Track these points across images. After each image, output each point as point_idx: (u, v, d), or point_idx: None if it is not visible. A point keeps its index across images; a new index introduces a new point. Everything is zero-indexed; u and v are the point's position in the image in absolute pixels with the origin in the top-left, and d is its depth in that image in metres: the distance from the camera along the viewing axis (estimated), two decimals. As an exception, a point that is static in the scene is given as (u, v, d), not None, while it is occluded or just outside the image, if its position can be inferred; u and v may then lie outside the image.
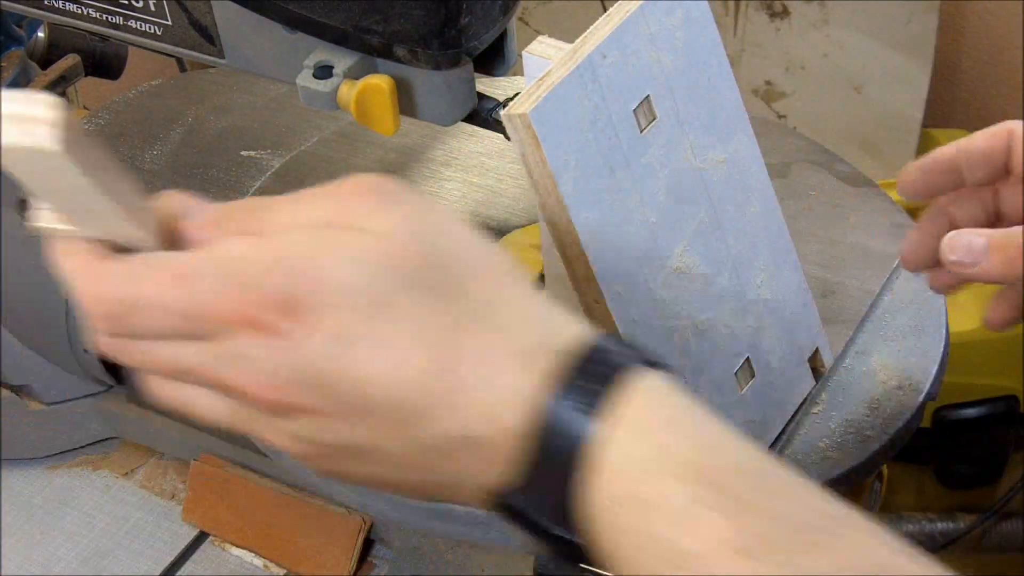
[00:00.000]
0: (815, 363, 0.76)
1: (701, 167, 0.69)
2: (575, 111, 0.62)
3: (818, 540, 0.46)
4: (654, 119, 0.66)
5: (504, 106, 0.81)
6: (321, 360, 0.46)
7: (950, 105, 1.68)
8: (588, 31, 0.64)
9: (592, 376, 0.47)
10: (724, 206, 0.69)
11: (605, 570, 0.48)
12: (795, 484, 0.48)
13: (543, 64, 0.64)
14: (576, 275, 0.64)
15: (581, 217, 0.62)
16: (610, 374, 0.47)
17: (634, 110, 0.65)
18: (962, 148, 0.67)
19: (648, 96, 0.65)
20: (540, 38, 0.66)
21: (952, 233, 0.65)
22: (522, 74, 0.72)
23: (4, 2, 0.88)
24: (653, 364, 0.49)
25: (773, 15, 1.58)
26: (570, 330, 0.48)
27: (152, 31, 0.85)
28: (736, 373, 0.71)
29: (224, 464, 1.01)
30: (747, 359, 0.72)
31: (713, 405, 0.67)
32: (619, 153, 0.64)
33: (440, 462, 0.48)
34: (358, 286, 0.46)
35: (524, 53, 0.66)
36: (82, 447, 1.08)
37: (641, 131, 0.65)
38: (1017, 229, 0.64)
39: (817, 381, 0.77)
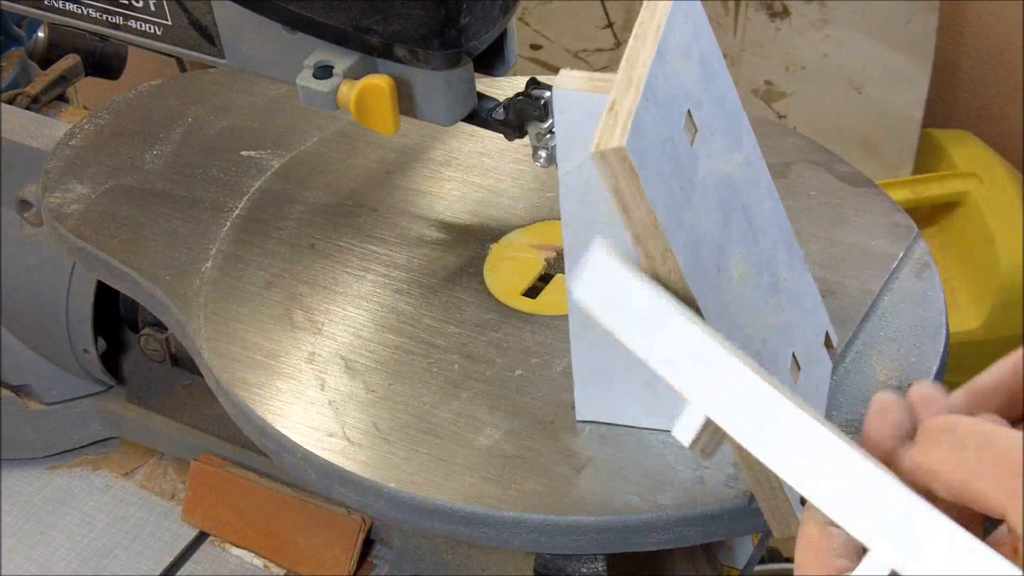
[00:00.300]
0: (828, 344, 0.77)
1: (730, 172, 0.69)
2: (652, 136, 0.61)
3: None
4: (696, 131, 0.65)
5: (504, 106, 0.81)
6: None
7: (950, 105, 1.68)
8: (629, 48, 0.62)
9: None
10: (750, 207, 0.70)
11: None
12: None
13: (583, 99, 0.63)
14: None
15: (677, 243, 0.61)
16: None
17: (684, 126, 0.64)
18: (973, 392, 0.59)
19: (688, 110, 0.65)
20: (563, 72, 0.65)
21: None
22: (522, 74, 0.72)
23: (4, 2, 0.88)
24: None
25: (773, 15, 1.58)
26: None
27: (152, 31, 0.85)
28: (790, 371, 0.72)
29: (224, 464, 1.01)
30: (793, 354, 0.72)
31: None
32: (683, 170, 0.63)
33: None
34: None
35: (556, 89, 0.65)
36: (82, 447, 1.08)
37: (691, 145, 0.65)
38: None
39: (833, 361, 0.77)
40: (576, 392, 0.76)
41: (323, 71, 0.77)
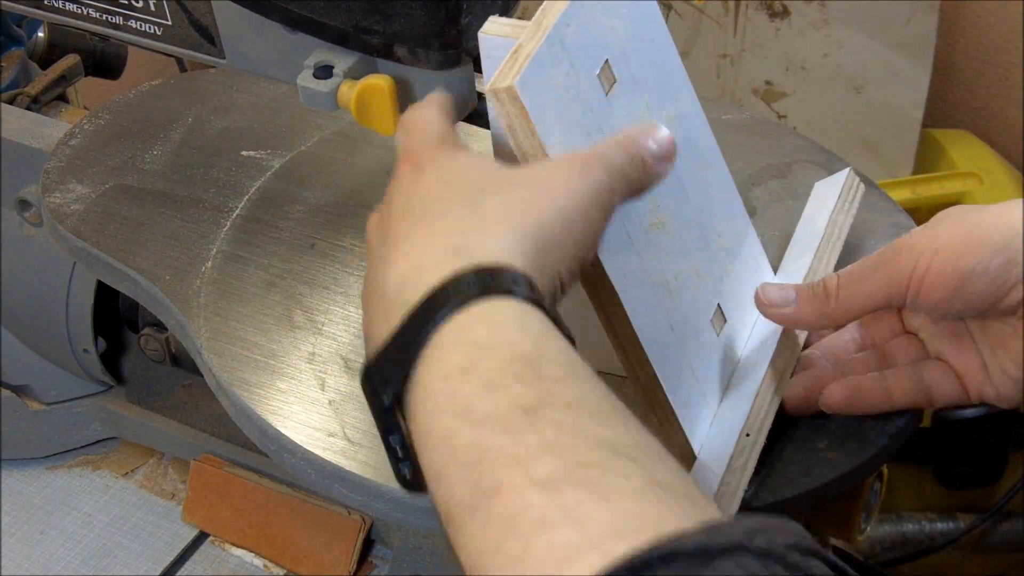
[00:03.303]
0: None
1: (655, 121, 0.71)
2: (551, 80, 0.64)
3: (607, 422, 0.51)
4: (615, 81, 0.68)
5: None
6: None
7: (950, 105, 1.68)
8: (543, 6, 0.66)
9: (479, 285, 0.54)
10: (680, 162, 0.71)
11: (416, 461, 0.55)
12: (606, 402, 0.52)
13: (501, 43, 0.66)
14: None
15: None
16: (493, 288, 0.54)
17: (598, 75, 0.67)
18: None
19: (607, 60, 0.68)
20: (491, 18, 0.68)
21: (762, 284, 0.75)
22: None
23: (4, 2, 0.88)
24: (537, 302, 0.55)
25: (773, 15, 1.58)
26: (489, 248, 0.56)
27: (152, 31, 0.85)
28: (712, 320, 0.74)
29: (224, 464, 1.01)
30: (718, 306, 0.74)
31: (699, 352, 0.71)
32: (591, 117, 0.66)
33: (373, 302, 0.59)
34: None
35: (481, 34, 0.67)
36: (82, 447, 1.08)
37: (606, 94, 0.67)
38: (821, 280, 0.73)
39: None
40: None
41: (323, 71, 0.77)
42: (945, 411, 0.76)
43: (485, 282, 0.55)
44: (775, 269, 0.81)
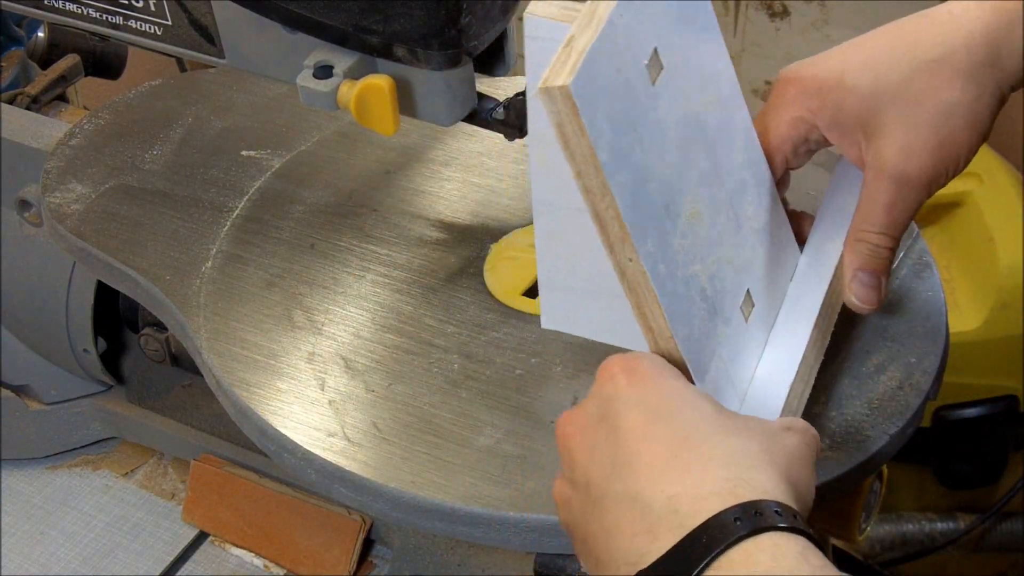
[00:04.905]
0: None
1: (699, 110, 0.71)
2: (604, 75, 0.63)
3: None
4: (662, 69, 0.67)
5: (504, 106, 0.81)
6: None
7: (950, 105, 1.68)
8: None
9: (762, 517, 0.57)
10: (718, 146, 0.71)
11: None
12: None
13: (552, 27, 0.65)
14: (611, 238, 0.65)
15: (616, 181, 0.63)
16: (768, 520, 0.57)
17: (647, 64, 0.66)
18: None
19: (655, 48, 0.66)
20: (534, 2, 0.67)
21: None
22: (523, 74, 0.72)
23: (4, 2, 0.88)
24: (802, 531, 0.58)
25: (773, 15, 1.58)
26: (764, 485, 0.59)
27: (152, 31, 0.85)
28: (741, 307, 0.73)
29: (224, 464, 1.01)
30: (747, 291, 0.74)
31: (729, 341, 0.71)
32: (638, 109, 0.65)
33: (624, 506, 0.60)
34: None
35: (527, 15, 0.66)
36: (82, 447, 1.08)
37: (653, 83, 0.66)
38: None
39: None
40: (541, 302, 0.79)
41: (323, 71, 0.77)
42: (945, 411, 0.76)
43: (767, 514, 0.57)
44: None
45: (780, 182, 0.78)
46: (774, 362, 0.73)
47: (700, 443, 0.61)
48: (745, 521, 0.57)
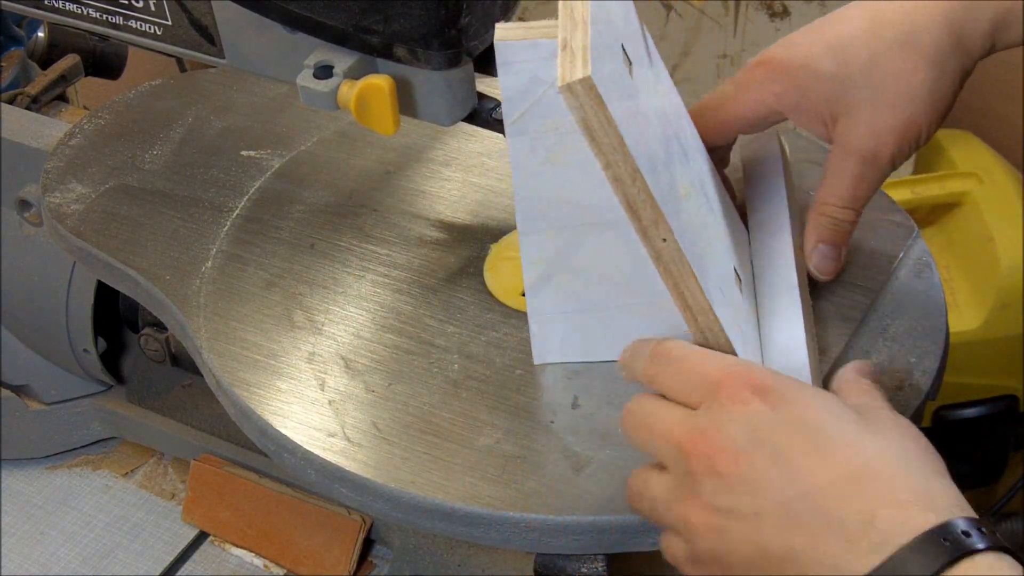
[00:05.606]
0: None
1: (662, 101, 0.72)
2: (606, 68, 0.64)
3: None
4: (631, 64, 0.68)
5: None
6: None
7: (950, 105, 1.68)
8: (562, 4, 0.66)
9: (969, 537, 0.58)
10: (680, 133, 0.74)
11: None
12: None
13: (524, 46, 0.66)
14: (644, 223, 0.66)
15: (642, 167, 0.65)
16: (968, 549, 0.58)
17: (623, 59, 0.67)
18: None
19: (622, 44, 0.68)
20: (499, 25, 0.68)
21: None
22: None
23: (4, 2, 0.88)
24: (1003, 547, 0.58)
25: (773, 15, 1.58)
26: (952, 500, 0.61)
27: (152, 31, 0.85)
28: (735, 283, 0.74)
29: (224, 464, 1.01)
30: (734, 267, 0.75)
31: (739, 316, 0.72)
32: (632, 99, 0.66)
33: (807, 514, 0.60)
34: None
35: (498, 42, 0.67)
36: (82, 447, 1.08)
37: (632, 77, 0.68)
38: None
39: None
40: (532, 338, 0.78)
41: (323, 71, 0.77)
42: (945, 411, 0.77)
43: (974, 534, 0.58)
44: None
45: (722, 160, 0.82)
46: (778, 332, 0.75)
47: (871, 455, 0.61)
48: (947, 543, 0.57)
